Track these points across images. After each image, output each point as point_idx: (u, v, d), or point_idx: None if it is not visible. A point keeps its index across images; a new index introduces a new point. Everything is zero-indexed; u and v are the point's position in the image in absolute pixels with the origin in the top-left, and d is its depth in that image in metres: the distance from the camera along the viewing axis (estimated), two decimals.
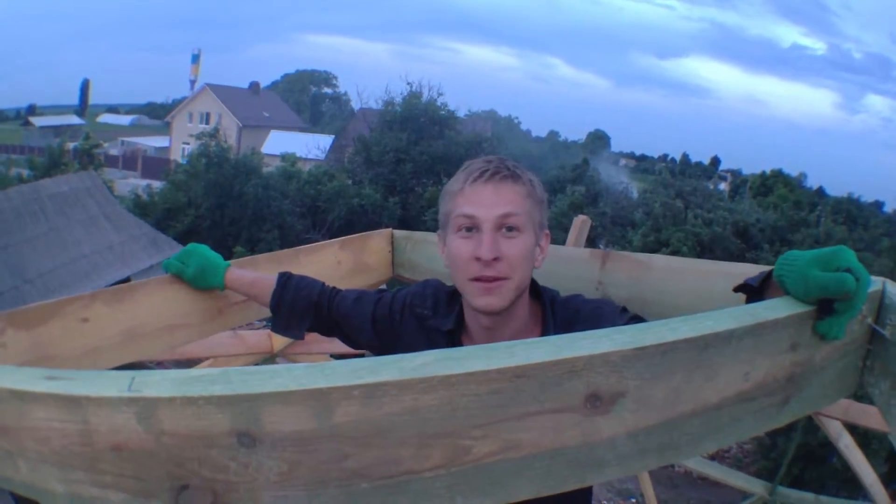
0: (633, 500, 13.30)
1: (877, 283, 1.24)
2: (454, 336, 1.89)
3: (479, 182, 1.76)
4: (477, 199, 1.75)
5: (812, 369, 1.19)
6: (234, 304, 2.41)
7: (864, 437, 7.09)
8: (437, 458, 0.91)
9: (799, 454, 11.28)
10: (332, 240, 2.89)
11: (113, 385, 0.86)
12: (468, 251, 1.74)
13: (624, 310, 1.82)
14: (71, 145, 35.79)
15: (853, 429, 4.27)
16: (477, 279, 1.73)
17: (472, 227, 1.75)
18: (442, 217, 1.86)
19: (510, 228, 1.74)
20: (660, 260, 2.03)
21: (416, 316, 1.97)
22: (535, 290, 1.87)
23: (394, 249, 3.05)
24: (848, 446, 4.24)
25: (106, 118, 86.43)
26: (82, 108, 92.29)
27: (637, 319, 1.73)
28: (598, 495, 13.77)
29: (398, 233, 3.05)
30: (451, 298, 1.95)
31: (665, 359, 0.98)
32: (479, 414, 0.91)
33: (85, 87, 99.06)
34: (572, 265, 2.18)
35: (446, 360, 0.91)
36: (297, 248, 2.78)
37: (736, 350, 1.05)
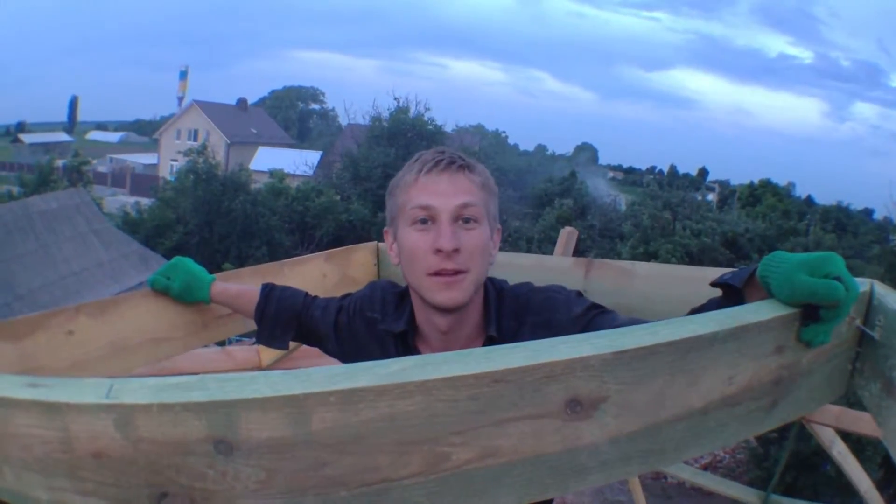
0: None
1: (864, 284, 1.22)
2: (406, 338, 1.82)
3: (434, 172, 1.71)
4: (433, 189, 1.69)
5: (799, 372, 1.17)
6: (219, 318, 2.40)
7: (858, 444, 7.06)
8: (416, 465, 0.90)
9: (792, 462, 11.26)
10: (318, 253, 2.89)
11: (92, 392, 0.86)
12: (426, 244, 1.68)
13: (579, 294, 1.79)
14: (60, 162, 35.91)
15: (846, 436, 4.25)
16: (437, 273, 1.67)
17: (427, 219, 1.69)
18: (392, 211, 1.79)
19: (467, 220, 1.69)
20: (643, 267, 2.02)
21: (366, 320, 1.92)
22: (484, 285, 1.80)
23: (379, 262, 3.04)
24: (841, 453, 4.21)
25: (95, 135, 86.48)
26: (71, 125, 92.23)
27: (596, 307, 1.70)
28: None
29: (383, 245, 3.03)
30: (400, 299, 1.90)
31: (646, 363, 0.97)
32: (457, 420, 0.89)
33: (74, 104, 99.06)
34: (556, 274, 2.17)
35: (424, 365, 0.89)
36: (282, 261, 2.77)
37: (719, 353, 1.03)
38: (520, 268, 1.92)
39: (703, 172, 75.57)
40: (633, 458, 1.02)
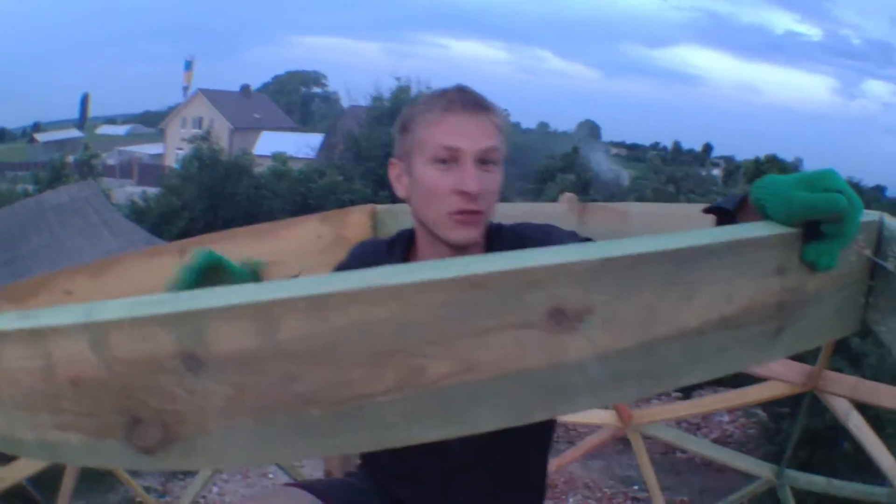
0: (636, 488, 13.26)
1: (873, 214, 1.16)
2: None
3: (461, 112, 1.69)
4: (460, 129, 1.68)
5: (805, 299, 1.10)
6: None
7: (877, 421, 6.90)
8: (391, 379, 0.86)
9: (806, 437, 11.08)
10: (312, 214, 2.86)
11: (71, 314, 0.84)
12: (447, 184, 1.67)
13: (574, 234, 1.79)
14: (71, 158, 36.53)
15: (864, 412, 4.13)
16: (457, 212, 1.67)
17: (449, 160, 1.68)
18: (408, 144, 1.76)
19: (486, 162, 1.69)
20: (638, 207, 1.98)
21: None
22: None
23: (376, 224, 3.00)
24: (858, 426, 4.03)
25: (104, 129, 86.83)
26: (82, 121, 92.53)
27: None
28: (601, 483, 13.76)
29: (380, 207, 3.00)
30: (391, 246, 1.92)
31: (635, 273, 0.92)
32: (433, 329, 0.85)
33: (85, 101, 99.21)
34: (550, 219, 2.12)
35: (398, 272, 0.85)
36: (276, 221, 2.75)
37: (714, 268, 0.98)
38: (513, 217, 1.88)
39: (708, 148, 75.00)
40: (625, 379, 0.96)
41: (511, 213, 2.13)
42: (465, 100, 1.70)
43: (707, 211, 1.35)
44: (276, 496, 1.77)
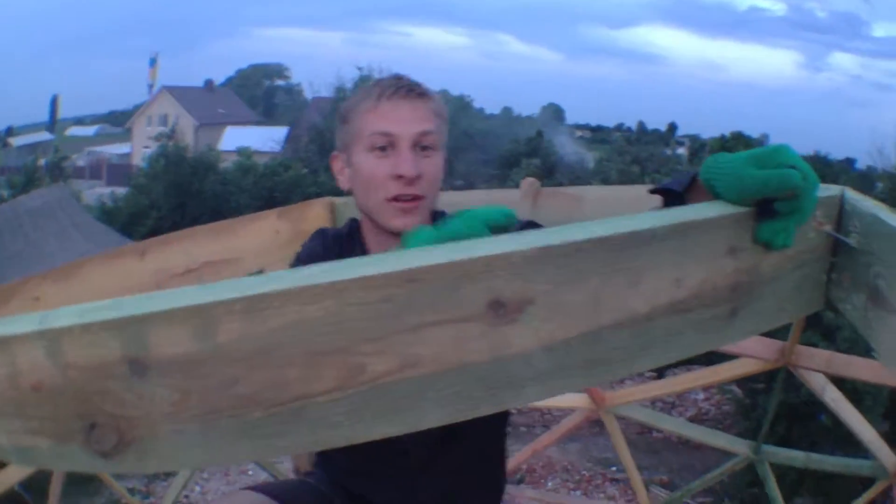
0: (614, 469, 13.33)
1: (833, 189, 1.13)
2: None
3: (395, 98, 1.70)
4: (394, 115, 1.69)
5: (761, 279, 1.08)
6: (177, 276, 2.38)
7: (855, 394, 6.92)
8: (331, 378, 0.85)
9: (783, 412, 11.15)
10: (270, 210, 2.86)
11: (28, 322, 0.83)
12: (385, 170, 1.68)
13: (531, 223, 1.77)
14: (43, 161, 36.93)
15: (841, 385, 4.11)
16: (395, 198, 1.68)
17: (386, 146, 1.69)
18: (346, 136, 1.79)
19: (425, 147, 1.70)
20: (592, 191, 1.98)
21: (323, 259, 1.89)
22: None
23: (335, 217, 2.99)
24: (835, 399, 4.01)
25: (73, 131, 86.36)
26: (52, 123, 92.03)
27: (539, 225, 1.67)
28: (579, 466, 13.84)
29: (339, 199, 2.99)
30: (349, 236, 1.90)
31: (576, 260, 0.90)
32: (370, 326, 0.84)
33: (55, 103, 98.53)
34: (506, 206, 2.12)
35: (333, 269, 0.84)
36: (235, 218, 2.75)
37: (659, 251, 0.96)
38: (469, 205, 1.85)
39: (673, 127, 74.92)
40: (573, 368, 0.95)
41: (467, 200, 2.12)
42: (398, 86, 1.72)
43: (655, 192, 1.33)
44: (231, 499, 1.77)
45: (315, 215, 2.93)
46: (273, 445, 0.89)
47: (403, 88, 1.71)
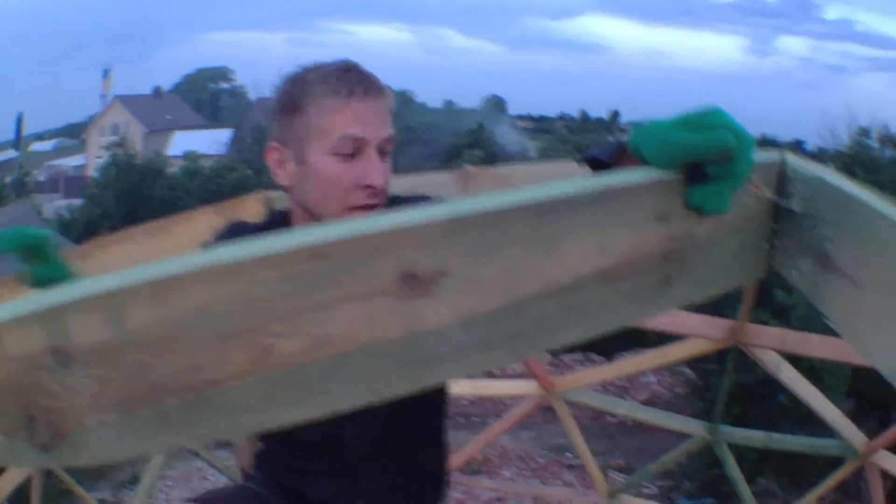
0: (569, 455, 13.35)
1: (774, 154, 1.08)
2: None
3: (366, 98, 1.60)
4: (365, 118, 1.59)
5: (695, 246, 1.04)
6: None
7: (813, 372, 6.83)
8: (241, 361, 0.82)
9: (737, 393, 11.12)
10: (207, 207, 2.82)
11: None
12: (351, 177, 1.59)
13: (423, 197, 1.74)
14: (9, 178, 38.75)
15: (798, 363, 4.05)
16: (361, 208, 1.60)
17: (354, 151, 1.59)
18: (299, 129, 1.63)
19: (384, 152, 1.62)
20: (522, 170, 1.95)
21: None
22: None
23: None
24: (791, 378, 3.94)
25: (35, 146, 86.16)
26: (18, 140, 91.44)
27: None
28: (533, 454, 13.88)
29: (274, 193, 2.96)
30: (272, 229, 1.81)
31: (492, 229, 0.87)
32: (276, 305, 0.81)
33: (20, 121, 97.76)
34: (435, 190, 2.10)
35: (238, 248, 0.81)
36: (170, 217, 2.71)
37: (580, 217, 0.92)
38: (399, 190, 1.82)
39: (615, 115, 75.35)
40: (494, 342, 0.92)
41: (397, 185, 2.10)
42: (367, 84, 1.61)
43: (584, 163, 1.30)
44: None
45: (251, 210, 2.90)
46: (191, 433, 0.88)
47: (373, 87, 1.62)
